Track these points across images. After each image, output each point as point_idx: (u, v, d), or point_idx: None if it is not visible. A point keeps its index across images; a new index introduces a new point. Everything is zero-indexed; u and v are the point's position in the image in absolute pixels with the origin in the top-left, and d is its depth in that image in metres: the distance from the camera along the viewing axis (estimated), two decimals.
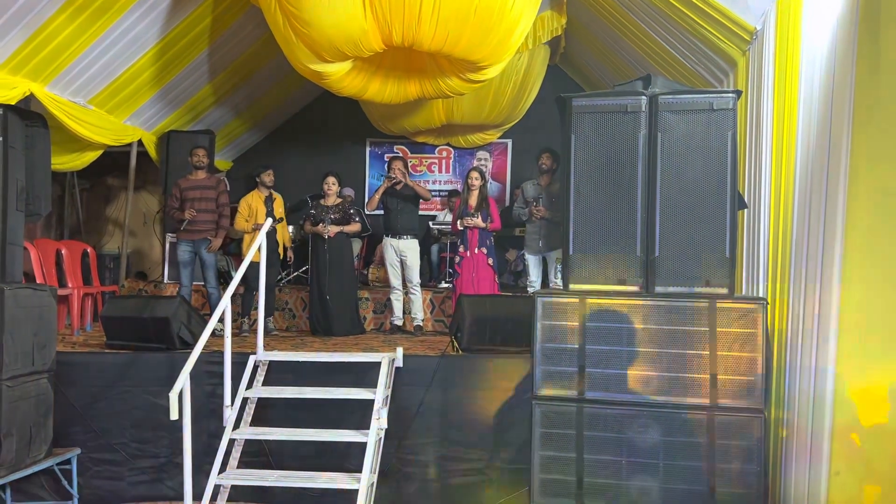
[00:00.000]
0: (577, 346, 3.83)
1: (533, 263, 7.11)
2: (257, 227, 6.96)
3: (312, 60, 5.94)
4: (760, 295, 4.22)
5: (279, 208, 7.45)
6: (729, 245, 3.73)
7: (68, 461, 5.03)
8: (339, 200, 7.36)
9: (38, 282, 6.60)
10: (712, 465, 3.66)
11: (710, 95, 3.81)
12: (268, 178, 7.40)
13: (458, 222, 7.07)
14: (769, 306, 3.86)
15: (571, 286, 3.90)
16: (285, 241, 7.73)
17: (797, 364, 3.71)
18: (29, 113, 4.79)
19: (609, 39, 7.47)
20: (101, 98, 6.95)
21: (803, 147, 3.75)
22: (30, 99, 5.93)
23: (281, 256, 7.63)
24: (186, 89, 7.98)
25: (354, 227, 7.39)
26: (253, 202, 7.29)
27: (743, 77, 4.82)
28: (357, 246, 9.18)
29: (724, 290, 3.73)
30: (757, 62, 4.48)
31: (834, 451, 3.31)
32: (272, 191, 7.42)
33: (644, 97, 3.81)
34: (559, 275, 7.23)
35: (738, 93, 3.85)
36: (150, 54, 6.82)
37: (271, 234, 7.15)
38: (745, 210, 4.50)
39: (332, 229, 7.11)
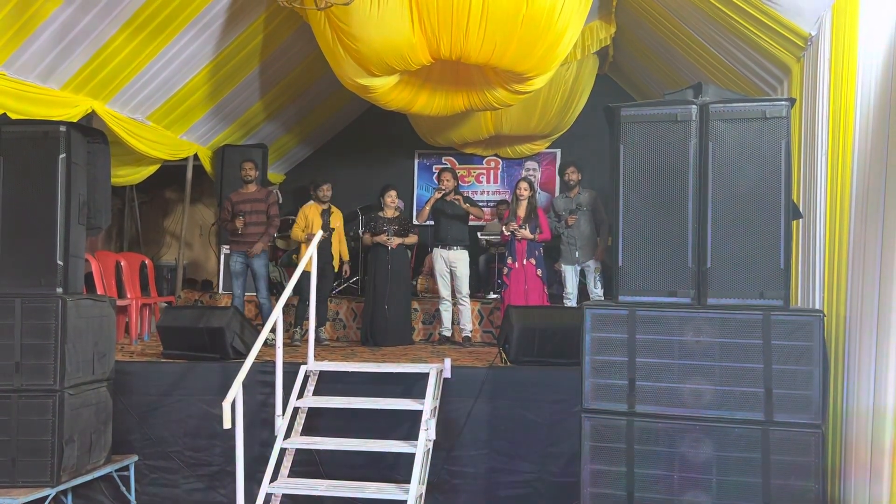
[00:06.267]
0: (627, 359, 3.78)
1: (569, 274, 7.06)
2: (310, 238, 7.06)
3: (360, 75, 6.02)
4: (816, 307, 4.11)
5: (337, 221, 7.53)
6: (783, 256, 3.64)
7: (126, 468, 5.17)
8: (398, 213, 7.47)
9: (98, 293, 6.80)
10: (768, 481, 3.56)
11: (763, 103, 3.72)
12: (327, 191, 7.50)
13: (504, 228, 7.07)
14: (826, 318, 3.75)
15: (621, 298, 3.85)
16: (342, 255, 7.66)
17: (856, 378, 3.60)
18: (90, 130, 4.94)
19: (659, 48, 7.39)
20: (159, 114, 7.17)
21: (860, 155, 3.65)
22: (91, 116, 6.14)
23: (336, 269, 7.61)
24: (239, 105, 8.18)
25: (413, 238, 7.50)
26: (310, 213, 7.40)
27: (797, 84, 4.72)
28: None
29: (779, 302, 3.64)
30: (812, 69, 4.38)
31: (895, 468, 3.20)
32: (330, 204, 7.53)
33: (695, 106, 3.75)
34: (598, 284, 7.16)
35: (792, 101, 3.76)
36: (204, 72, 7.02)
37: (326, 247, 7.24)
38: (800, 220, 4.40)
39: (395, 241, 7.20)
